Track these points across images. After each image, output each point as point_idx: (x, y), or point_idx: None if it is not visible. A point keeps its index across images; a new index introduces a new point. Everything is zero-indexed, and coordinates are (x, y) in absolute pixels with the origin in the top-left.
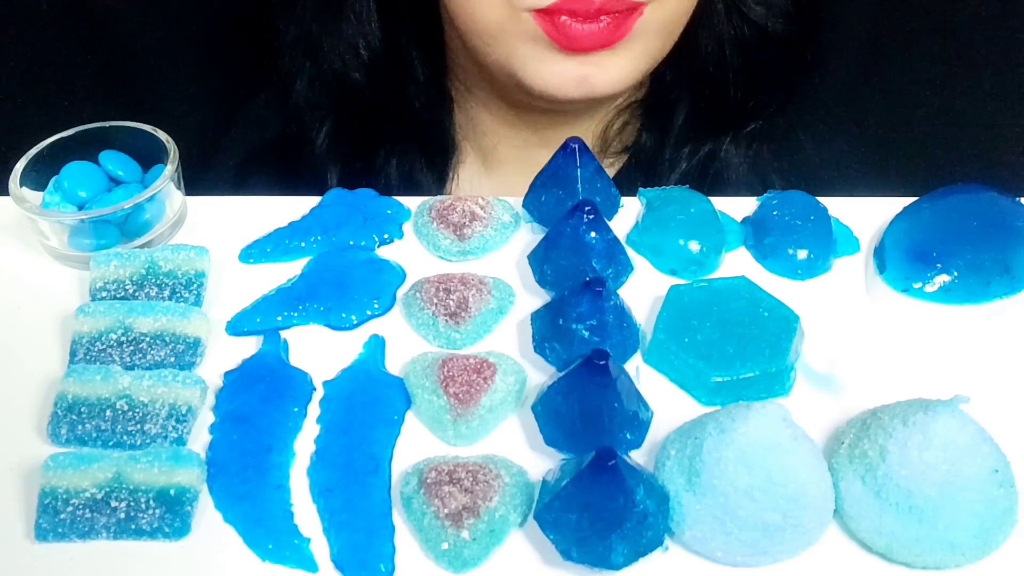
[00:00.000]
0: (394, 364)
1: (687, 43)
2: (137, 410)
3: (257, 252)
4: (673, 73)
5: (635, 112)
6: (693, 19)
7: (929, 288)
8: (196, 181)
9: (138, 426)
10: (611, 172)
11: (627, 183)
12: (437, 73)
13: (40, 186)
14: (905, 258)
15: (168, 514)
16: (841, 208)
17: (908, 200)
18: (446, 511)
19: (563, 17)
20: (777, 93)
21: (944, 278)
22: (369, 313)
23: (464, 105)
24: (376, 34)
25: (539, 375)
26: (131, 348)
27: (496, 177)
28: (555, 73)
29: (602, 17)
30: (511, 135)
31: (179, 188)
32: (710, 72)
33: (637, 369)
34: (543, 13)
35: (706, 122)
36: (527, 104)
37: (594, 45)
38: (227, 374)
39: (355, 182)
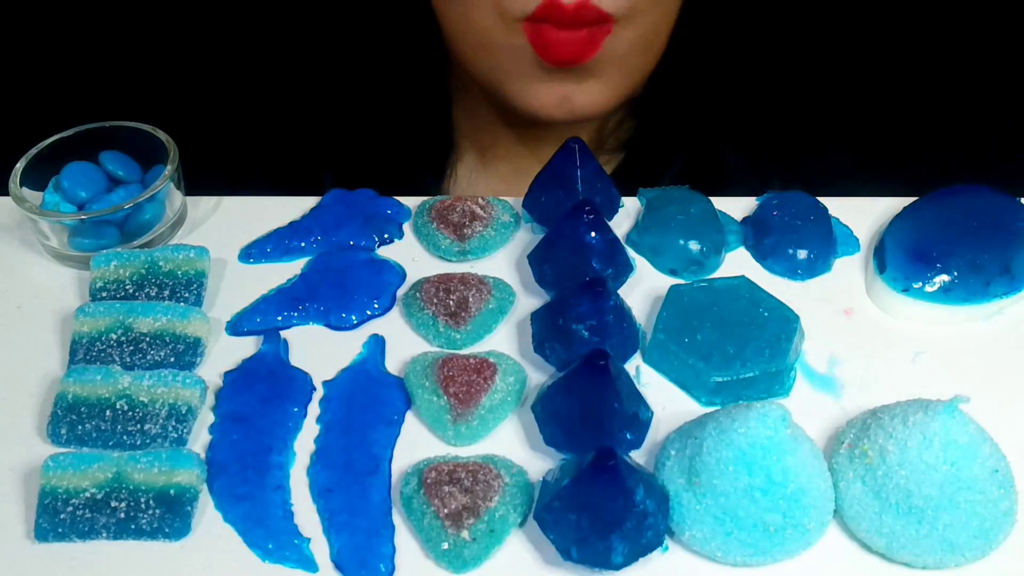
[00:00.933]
0: (394, 364)
1: (681, 41)
2: (137, 410)
3: (257, 252)
4: (667, 71)
5: (631, 110)
6: (685, 18)
7: (929, 288)
8: (196, 181)
9: (138, 426)
10: (607, 170)
11: (623, 181)
12: (435, 70)
13: (40, 186)
14: (905, 258)
15: (168, 514)
16: (841, 208)
17: (908, 200)
18: (446, 511)
19: (545, 25)
20: (774, 93)
21: (944, 278)
22: (369, 313)
23: (462, 103)
24: (373, 30)
25: (539, 375)
26: (131, 348)
27: (494, 175)
28: (539, 91)
29: (580, 26)
30: (508, 133)
31: (179, 188)
32: (706, 71)
33: (637, 369)
34: (530, 22)
35: (702, 121)
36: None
37: (570, 55)
38: (227, 374)
39: (353, 178)
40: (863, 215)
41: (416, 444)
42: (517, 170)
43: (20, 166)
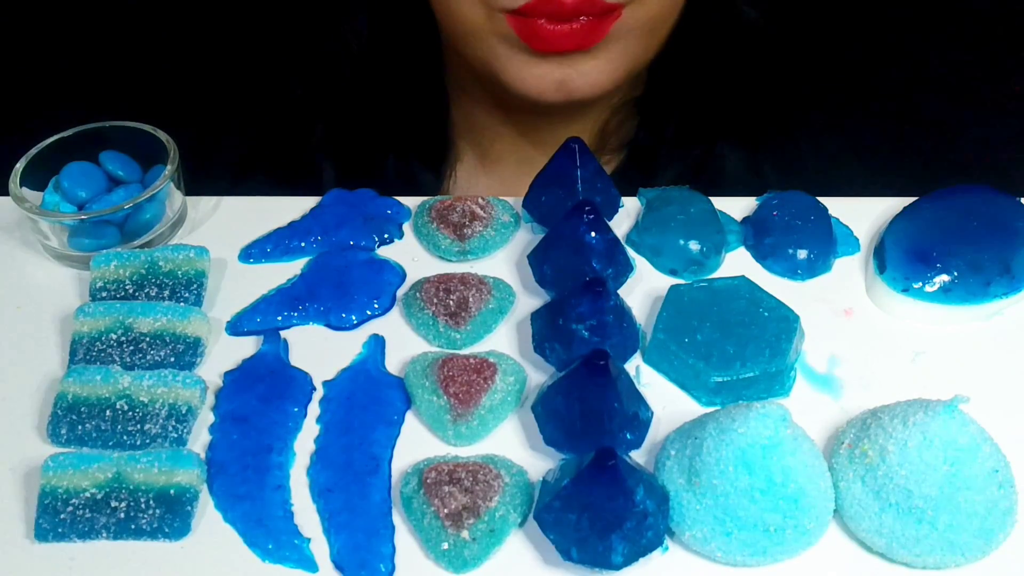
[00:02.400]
0: (394, 364)
1: (682, 40)
2: (137, 410)
3: (257, 252)
4: (669, 70)
5: (632, 109)
6: (686, 17)
7: (929, 288)
8: (196, 181)
9: (138, 426)
10: (608, 169)
11: (624, 180)
12: (432, 71)
13: (40, 186)
14: (905, 258)
15: (168, 514)
16: (841, 208)
17: (908, 200)
18: (446, 511)
19: (537, 19)
20: (774, 92)
21: (944, 278)
22: (369, 313)
23: (460, 103)
24: (367, 31)
25: (539, 375)
26: (131, 348)
27: (493, 175)
28: (534, 75)
29: (580, 17)
30: (507, 133)
31: (179, 188)
32: (706, 70)
33: (637, 369)
34: (517, 15)
35: (702, 120)
36: (519, 104)
37: (567, 46)
38: (227, 374)
39: (353, 179)
40: (863, 215)
41: (416, 444)
42: (517, 171)
43: (20, 166)
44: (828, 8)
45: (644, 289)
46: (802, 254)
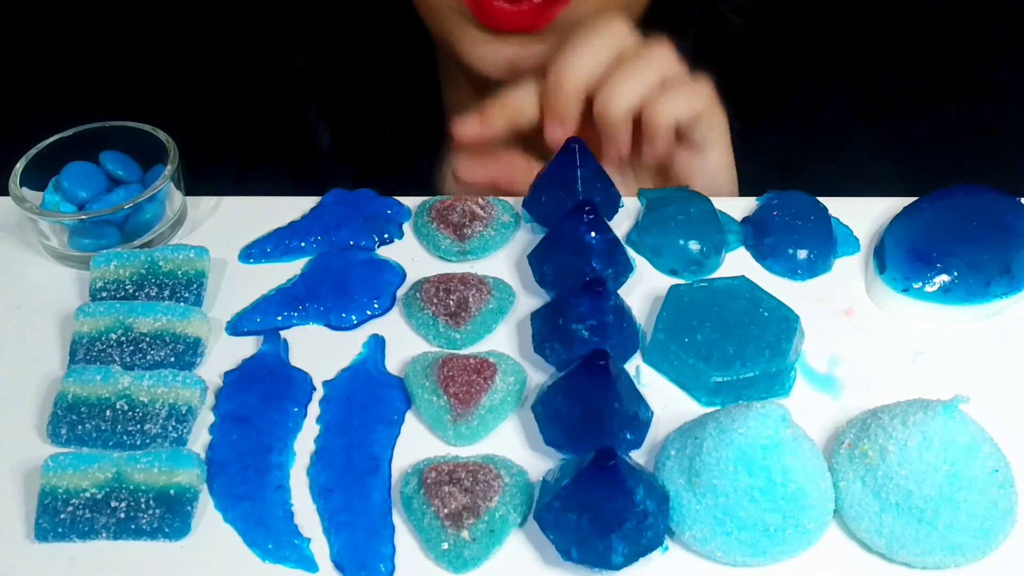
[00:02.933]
0: (394, 364)
1: (677, 37)
2: (137, 410)
3: (257, 252)
4: None
5: None
6: (666, 10)
7: (929, 288)
8: (196, 181)
9: (138, 426)
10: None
11: None
12: (423, 52)
13: (40, 186)
14: (905, 258)
15: (168, 514)
16: (841, 208)
17: (908, 200)
18: (446, 511)
19: None
20: (773, 92)
21: (944, 278)
22: (369, 313)
23: (451, 87)
24: (362, 8)
25: (539, 375)
26: (131, 348)
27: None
28: (485, 52)
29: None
30: None
31: (179, 188)
32: (701, 68)
33: (637, 369)
34: None
35: None
36: (488, 85)
37: (514, 27)
38: (227, 374)
39: (352, 146)
40: (863, 215)
41: (416, 444)
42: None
43: (20, 166)
44: (827, 10)
45: (644, 289)
46: (802, 254)
